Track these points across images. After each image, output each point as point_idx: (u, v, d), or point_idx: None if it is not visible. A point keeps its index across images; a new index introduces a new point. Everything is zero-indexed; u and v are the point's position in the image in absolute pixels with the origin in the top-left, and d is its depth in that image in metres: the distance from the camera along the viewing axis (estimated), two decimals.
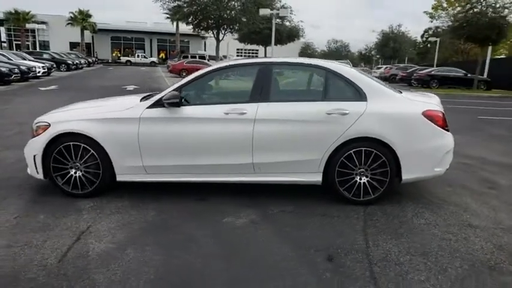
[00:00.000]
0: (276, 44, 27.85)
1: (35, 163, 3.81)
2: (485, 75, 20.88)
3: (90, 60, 38.50)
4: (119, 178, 3.82)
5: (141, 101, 3.91)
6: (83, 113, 3.87)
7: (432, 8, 43.10)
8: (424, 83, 22.71)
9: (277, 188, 4.04)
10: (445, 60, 40.07)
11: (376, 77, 36.67)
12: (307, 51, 73.10)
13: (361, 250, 2.92)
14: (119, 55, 51.88)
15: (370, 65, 76.69)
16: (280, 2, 20.44)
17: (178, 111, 3.70)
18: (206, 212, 3.57)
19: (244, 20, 14.38)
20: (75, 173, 3.81)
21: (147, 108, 3.74)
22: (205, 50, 50.20)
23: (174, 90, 3.76)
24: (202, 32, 15.41)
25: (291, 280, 2.52)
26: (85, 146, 3.72)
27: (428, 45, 63.12)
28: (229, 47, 44.78)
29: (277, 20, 21.11)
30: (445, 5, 41.23)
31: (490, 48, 21.08)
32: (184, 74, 26.51)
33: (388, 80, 31.70)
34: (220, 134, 3.70)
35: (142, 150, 3.72)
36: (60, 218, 3.36)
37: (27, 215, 3.42)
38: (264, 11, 16.46)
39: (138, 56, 48.78)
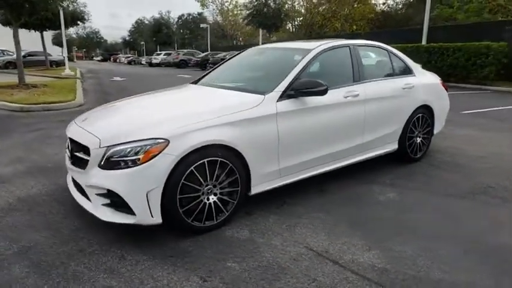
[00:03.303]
0: (55, 29, 23.56)
1: (148, 203, 2.57)
2: None
3: None
4: (254, 191, 3.11)
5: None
6: (203, 117, 2.82)
7: None
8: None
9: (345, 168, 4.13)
10: (212, 45, 44.53)
11: (163, 63, 37.29)
12: (61, 37, 63.91)
13: (475, 189, 3.76)
14: None
15: (135, 51, 75.40)
16: None
17: (308, 100, 3.33)
18: (354, 198, 3.53)
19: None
20: (208, 199, 2.83)
21: (277, 101, 3.17)
22: None
23: (296, 77, 3.31)
24: None
25: (481, 212, 3.27)
26: (223, 160, 2.81)
27: (181, 31, 67.73)
28: None
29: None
30: None
31: (260, 33, 25.30)
32: None
33: (179, 65, 32.75)
34: (344, 119, 3.63)
35: (280, 151, 3.17)
36: (253, 256, 2.55)
37: (210, 272, 2.38)
38: None
39: None
